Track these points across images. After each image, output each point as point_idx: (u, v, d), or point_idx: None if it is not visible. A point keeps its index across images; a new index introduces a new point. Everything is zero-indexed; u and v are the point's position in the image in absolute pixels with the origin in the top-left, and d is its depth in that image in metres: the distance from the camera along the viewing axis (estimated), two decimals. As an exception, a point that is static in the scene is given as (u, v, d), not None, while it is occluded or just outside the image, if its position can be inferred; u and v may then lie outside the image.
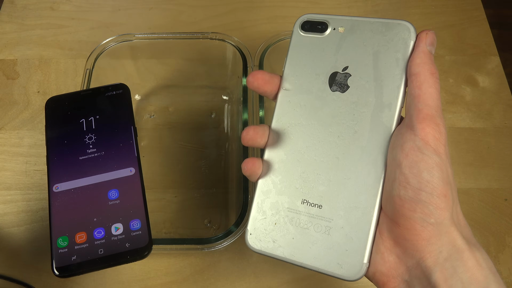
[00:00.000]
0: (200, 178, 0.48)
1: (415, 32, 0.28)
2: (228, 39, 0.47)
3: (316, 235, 0.26)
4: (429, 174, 0.23)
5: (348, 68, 0.29)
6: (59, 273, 0.32)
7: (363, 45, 0.29)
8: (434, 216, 0.23)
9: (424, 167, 0.23)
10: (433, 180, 0.23)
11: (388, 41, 0.28)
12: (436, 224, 0.23)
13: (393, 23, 0.28)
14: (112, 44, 0.47)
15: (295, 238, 0.27)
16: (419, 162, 0.23)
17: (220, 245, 0.37)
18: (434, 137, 0.23)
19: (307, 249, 0.26)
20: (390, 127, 0.27)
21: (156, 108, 0.52)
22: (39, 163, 0.48)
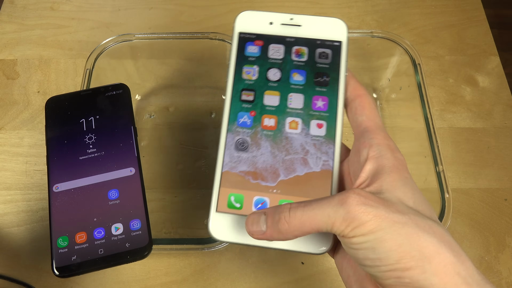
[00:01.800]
0: (200, 178, 0.48)
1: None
2: (228, 39, 0.47)
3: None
4: (374, 253, 0.22)
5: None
6: (59, 273, 0.32)
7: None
8: (407, 277, 0.21)
9: (367, 252, 0.22)
10: (381, 256, 0.21)
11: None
12: (413, 282, 0.21)
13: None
14: (112, 44, 0.47)
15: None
16: (362, 250, 0.22)
17: (220, 245, 0.37)
18: (357, 228, 0.22)
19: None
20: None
21: (156, 108, 0.52)
22: (39, 163, 0.48)
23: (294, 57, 0.30)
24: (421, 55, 0.46)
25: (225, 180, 0.28)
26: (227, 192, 0.28)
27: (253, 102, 0.30)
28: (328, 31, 0.31)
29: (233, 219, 0.28)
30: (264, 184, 0.28)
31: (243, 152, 0.29)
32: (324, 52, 0.30)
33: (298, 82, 0.30)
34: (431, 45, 0.57)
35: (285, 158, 0.28)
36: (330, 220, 0.22)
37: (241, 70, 0.30)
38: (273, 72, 0.30)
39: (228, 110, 0.30)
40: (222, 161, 0.28)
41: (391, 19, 0.59)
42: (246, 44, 0.31)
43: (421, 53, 0.47)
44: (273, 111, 0.29)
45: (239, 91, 0.30)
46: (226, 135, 0.29)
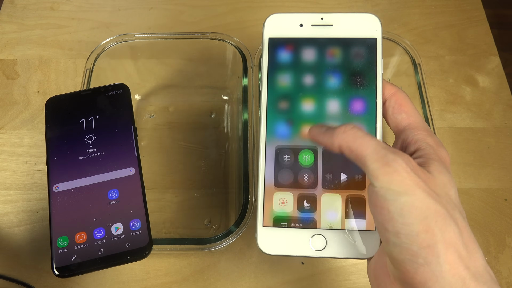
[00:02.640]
0: (200, 178, 0.48)
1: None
2: (228, 39, 0.47)
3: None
4: (400, 216, 0.22)
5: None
6: (59, 273, 0.32)
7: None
8: (421, 256, 0.21)
9: (394, 211, 0.22)
10: (407, 221, 0.21)
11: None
12: (426, 264, 0.21)
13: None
14: (112, 44, 0.47)
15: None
16: (387, 209, 0.22)
17: (220, 245, 0.37)
18: (393, 179, 0.22)
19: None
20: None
21: (156, 108, 0.52)
22: (39, 163, 0.48)
23: (328, 59, 0.29)
24: (421, 55, 0.46)
25: (268, 195, 0.28)
26: (272, 206, 0.28)
27: (290, 110, 0.29)
28: (361, 28, 0.30)
29: (281, 233, 0.28)
30: (309, 191, 0.28)
31: (285, 164, 0.28)
32: (359, 51, 0.29)
33: (333, 86, 0.29)
34: (431, 45, 0.57)
35: (328, 166, 0.28)
36: (374, 156, 0.22)
37: (274, 77, 0.29)
38: (307, 77, 0.29)
39: (265, 121, 0.29)
40: (264, 176, 0.28)
41: (391, 19, 0.59)
42: (277, 50, 0.30)
43: (421, 53, 0.47)
44: (311, 118, 0.29)
45: (275, 100, 0.29)
46: (265, 148, 0.29)
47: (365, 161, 0.23)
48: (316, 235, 0.27)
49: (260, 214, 0.28)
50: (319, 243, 0.27)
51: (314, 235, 0.27)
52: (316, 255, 0.27)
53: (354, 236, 0.27)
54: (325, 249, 0.27)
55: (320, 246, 0.27)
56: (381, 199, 0.22)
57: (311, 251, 0.27)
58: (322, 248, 0.27)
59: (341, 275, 0.42)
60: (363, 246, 0.27)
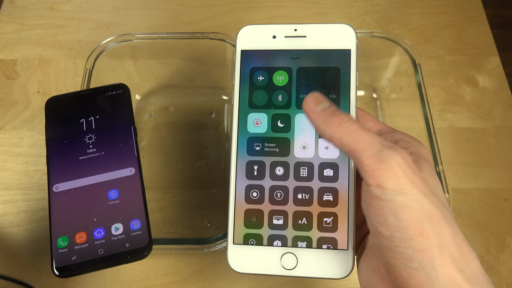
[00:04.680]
0: (200, 178, 0.48)
1: None
2: (228, 39, 0.47)
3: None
4: (394, 218, 0.20)
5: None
6: (59, 273, 0.32)
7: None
8: (416, 260, 0.20)
9: (388, 213, 0.21)
10: (401, 223, 0.20)
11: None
12: (421, 268, 0.20)
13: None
14: (112, 44, 0.47)
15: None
16: (381, 210, 0.21)
17: (220, 245, 0.37)
18: (388, 177, 0.20)
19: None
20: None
21: (156, 108, 0.52)
22: (39, 163, 0.48)
23: (301, 77, 0.29)
24: (421, 55, 0.46)
25: (238, 212, 0.28)
26: (242, 223, 0.28)
27: (261, 128, 0.29)
28: (335, 39, 0.29)
29: (251, 251, 0.27)
30: (278, 215, 0.27)
31: (255, 180, 0.28)
32: (332, 63, 0.28)
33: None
34: (431, 45, 0.57)
35: (297, 184, 0.27)
36: (368, 152, 0.21)
37: (247, 92, 0.30)
38: (280, 93, 0.29)
39: (236, 135, 0.29)
40: (234, 192, 0.28)
41: (391, 19, 0.59)
42: (249, 62, 0.30)
43: (421, 53, 0.47)
44: (282, 139, 0.28)
45: (245, 117, 0.29)
46: (235, 164, 0.28)
47: (358, 156, 0.21)
48: (287, 253, 0.27)
49: (230, 231, 0.28)
50: (289, 261, 0.27)
51: (284, 253, 0.27)
52: (286, 274, 0.26)
53: (326, 255, 0.26)
54: (295, 268, 0.26)
55: (290, 265, 0.27)
56: (375, 199, 0.21)
57: (281, 270, 0.26)
58: (293, 267, 0.26)
59: (341, 275, 0.42)
60: (335, 266, 0.26)
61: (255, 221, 0.27)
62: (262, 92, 0.29)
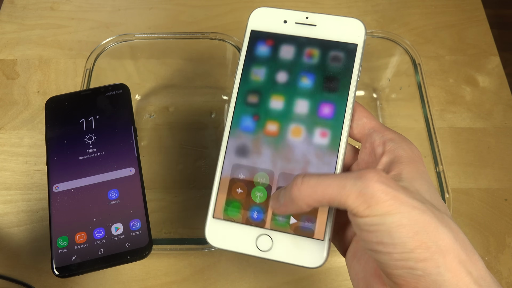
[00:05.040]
0: (200, 178, 0.48)
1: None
2: (228, 39, 0.47)
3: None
4: (390, 238, 0.20)
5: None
6: (59, 273, 0.32)
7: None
8: (420, 268, 0.20)
9: (382, 234, 0.20)
10: (397, 241, 0.20)
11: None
12: (426, 275, 0.20)
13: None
14: (112, 44, 0.47)
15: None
16: (375, 232, 0.21)
17: (220, 245, 0.37)
18: (372, 206, 0.20)
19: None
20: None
21: (156, 108, 0.52)
22: (39, 163, 0.48)
23: (305, 59, 0.29)
24: (421, 55, 0.46)
25: (223, 186, 0.28)
26: (224, 198, 0.27)
27: (257, 105, 0.28)
28: (344, 32, 0.29)
29: (229, 227, 0.27)
30: (260, 196, 0.27)
31: (244, 158, 0.28)
32: (337, 55, 0.28)
33: (305, 86, 0.28)
34: (431, 45, 0.57)
35: (286, 166, 0.27)
36: (345, 193, 0.21)
37: (249, 70, 0.29)
38: (281, 74, 0.29)
39: (232, 113, 0.28)
40: (222, 166, 0.28)
41: (391, 19, 0.59)
42: (257, 43, 0.30)
43: (421, 53, 0.47)
44: (277, 117, 0.28)
45: (245, 93, 0.29)
46: (227, 140, 0.28)
47: (339, 202, 0.21)
48: (263, 235, 0.26)
49: (212, 204, 0.27)
50: (265, 243, 0.26)
51: (261, 234, 0.26)
52: (260, 256, 0.26)
53: (302, 242, 0.26)
54: (270, 251, 0.26)
55: (265, 247, 0.26)
56: (365, 225, 0.21)
57: (256, 251, 0.26)
58: (267, 250, 0.26)
59: (341, 275, 0.42)
60: (310, 254, 0.26)
61: (236, 198, 0.27)
62: (263, 68, 0.29)
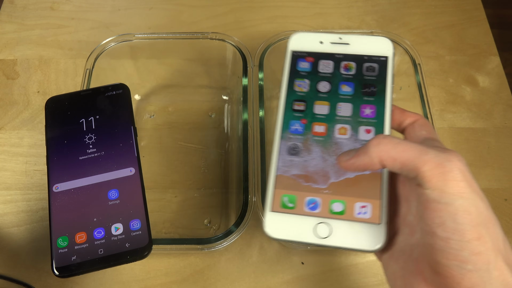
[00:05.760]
0: (200, 178, 0.48)
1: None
2: (228, 39, 0.47)
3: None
4: (453, 222, 0.21)
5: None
6: (59, 273, 0.32)
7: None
8: (471, 262, 0.21)
9: (446, 216, 0.21)
10: (459, 227, 0.21)
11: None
12: (475, 270, 0.21)
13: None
14: (112, 44, 0.47)
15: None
16: (439, 212, 0.21)
17: (220, 245, 0.37)
18: (448, 181, 0.21)
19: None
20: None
21: (156, 108, 0.52)
22: (39, 163, 0.48)
23: (343, 71, 0.33)
24: (421, 55, 0.46)
25: (278, 183, 0.30)
26: (281, 193, 0.29)
27: (304, 111, 0.32)
28: (375, 48, 0.33)
29: (287, 218, 0.28)
30: (315, 186, 0.29)
31: (295, 156, 0.30)
32: (371, 66, 0.32)
33: (346, 93, 0.32)
34: (431, 45, 0.57)
35: (335, 162, 0.29)
36: (424, 158, 0.22)
37: (293, 83, 0.33)
38: (323, 85, 0.32)
39: (281, 119, 0.32)
40: (276, 165, 0.30)
41: (391, 19, 0.59)
42: (298, 60, 0.33)
43: (421, 53, 0.47)
44: (323, 119, 0.31)
45: (291, 101, 0.32)
46: (279, 141, 0.31)
47: (415, 165, 0.22)
48: (321, 223, 0.28)
49: (269, 199, 0.29)
50: (324, 231, 0.28)
51: (319, 222, 0.28)
52: (320, 243, 0.27)
53: (360, 227, 0.27)
54: (329, 238, 0.27)
55: (324, 234, 0.28)
56: (433, 202, 0.21)
57: (315, 238, 0.27)
58: (326, 236, 0.27)
59: (340, 275, 0.42)
60: (368, 239, 0.27)
61: (292, 192, 0.29)
62: (306, 81, 0.33)
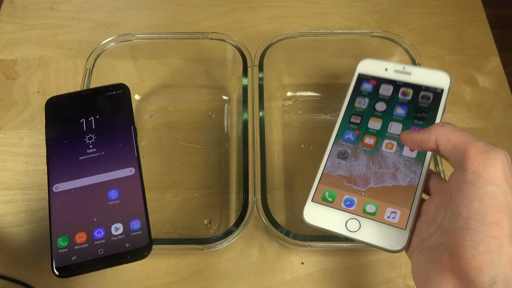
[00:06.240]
0: (200, 178, 0.48)
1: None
2: (228, 39, 0.47)
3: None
4: (479, 203, 0.23)
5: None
6: (59, 273, 0.32)
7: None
8: (484, 243, 0.22)
9: (475, 197, 0.23)
10: (483, 209, 0.22)
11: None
12: (486, 252, 0.22)
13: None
14: (112, 44, 0.47)
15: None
16: (469, 193, 0.23)
17: (220, 245, 0.37)
18: (487, 167, 0.23)
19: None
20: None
21: (156, 108, 0.52)
22: (39, 163, 0.48)
23: (400, 95, 0.37)
24: (421, 55, 0.46)
25: (323, 179, 0.34)
26: (324, 188, 0.34)
27: (359, 124, 0.36)
28: (433, 80, 0.37)
29: (324, 210, 0.33)
30: (355, 188, 0.33)
31: (343, 160, 0.35)
32: (427, 95, 0.36)
33: (399, 114, 0.36)
34: (431, 45, 0.57)
35: (378, 170, 0.34)
36: (474, 144, 0.24)
37: (355, 100, 0.37)
38: (380, 105, 0.37)
39: (338, 127, 0.36)
40: (325, 164, 0.35)
41: (391, 19, 0.59)
42: (362, 82, 0.38)
43: (421, 53, 0.47)
44: (374, 133, 0.36)
45: (349, 115, 0.37)
46: (332, 146, 0.36)
47: (464, 148, 0.24)
48: (352, 219, 0.32)
49: (313, 191, 0.33)
50: (354, 225, 0.31)
51: (350, 218, 0.32)
52: (348, 235, 0.31)
53: (386, 229, 0.31)
54: (357, 232, 0.31)
55: (354, 228, 0.31)
56: (467, 183, 0.23)
57: (345, 231, 0.31)
58: (355, 231, 0.31)
59: (341, 275, 0.42)
60: (392, 240, 0.30)
61: (333, 189, 0.33)
62: (366, 99, 0.37)
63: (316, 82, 0.53)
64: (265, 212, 0.38)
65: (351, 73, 0.39)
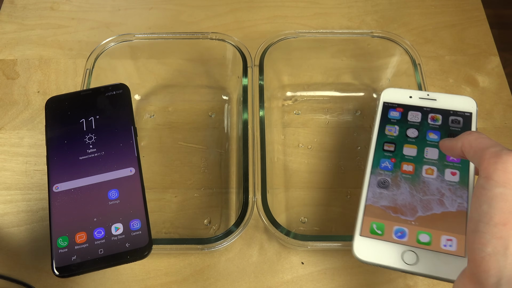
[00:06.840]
0: (200, 178, 0.48)
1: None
2: (228, 39, 0.47)
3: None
4: (487, 205, 0.23)
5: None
6: (59, 273, 0.32)
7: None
8: (491, 245, 0.22)
9: (484, 200, 0.23)
10: (491, 211, 0.23)
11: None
12: (493, 254, 0.22)
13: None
14: (112, 44, 0.47)
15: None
16: (480, 197, 0.24)
17: (220, 245, 0.37)
18: (497, 170, 0.23)
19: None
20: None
21: (156, 108, 0.52)
22: (39, 163, 0.48)
23: (430, 121, 0.37)
24: (421, 55, 0.46)
25: (368, 211, 0.33)
26: (370, 220, 0.32)
27: (393, 152, 0.36)
28: (459, 105, 0.37)
29: (375, 243, 0.31)
30: (403, 218, 0.32)
31: (385, 190, 0.34)
32: (457, 119, 0.37)
33: (433, 140, 0.36)
34: (431, 45, 0.57)
35: (423, 198, 0.33)
36: (490, 149, 0.24)
37: (384, 128, 0.37)
38: (411, 131, 0.37)
39: (372, 156, 0.36)
40: (366, 196, 0.34)
41: (391, 19, 0.59)
42: (389, 110, 0.38)
43: (421, 53, 0.47)
44: (411, 160, 0.35)
45: (382, 143, 0.37)
46: (369, 176, 0.35)
47: (481, 153, 0.25)
48: (408, 251, 0.31)
49: (359, 225, 0.32)
50: (411, 258, 0.30)
51: (406, 250, 0.31)
52: (407, 269, 0.30)
53: (445, 258, 0.30)
54: (416, 265, 0.30)
55: (411, 261, 0.30)
56: (479, 188, 0.24)
57: (403, 264, 0.30)
58: (413, 263, 0.30)
59: (341, 275, 0.42)
60: (453, 269, 0.29)
61: (381, 220, 0.32)
62: (396, 127, 0.37)
63: (316, 82, 0.53)
64: (265, 212, 0.38)
65: (351, 73, 0.39)
